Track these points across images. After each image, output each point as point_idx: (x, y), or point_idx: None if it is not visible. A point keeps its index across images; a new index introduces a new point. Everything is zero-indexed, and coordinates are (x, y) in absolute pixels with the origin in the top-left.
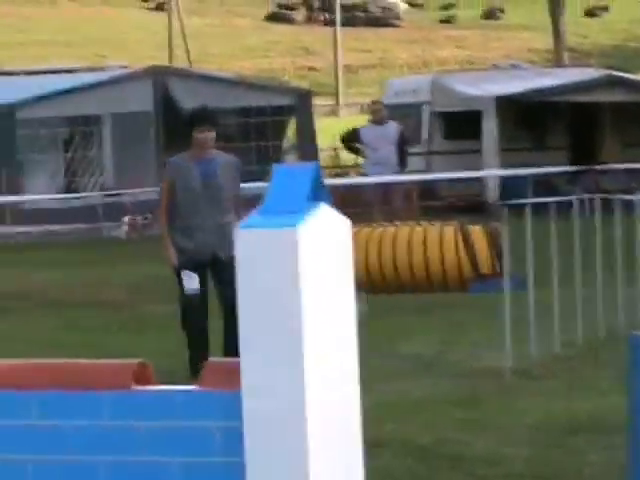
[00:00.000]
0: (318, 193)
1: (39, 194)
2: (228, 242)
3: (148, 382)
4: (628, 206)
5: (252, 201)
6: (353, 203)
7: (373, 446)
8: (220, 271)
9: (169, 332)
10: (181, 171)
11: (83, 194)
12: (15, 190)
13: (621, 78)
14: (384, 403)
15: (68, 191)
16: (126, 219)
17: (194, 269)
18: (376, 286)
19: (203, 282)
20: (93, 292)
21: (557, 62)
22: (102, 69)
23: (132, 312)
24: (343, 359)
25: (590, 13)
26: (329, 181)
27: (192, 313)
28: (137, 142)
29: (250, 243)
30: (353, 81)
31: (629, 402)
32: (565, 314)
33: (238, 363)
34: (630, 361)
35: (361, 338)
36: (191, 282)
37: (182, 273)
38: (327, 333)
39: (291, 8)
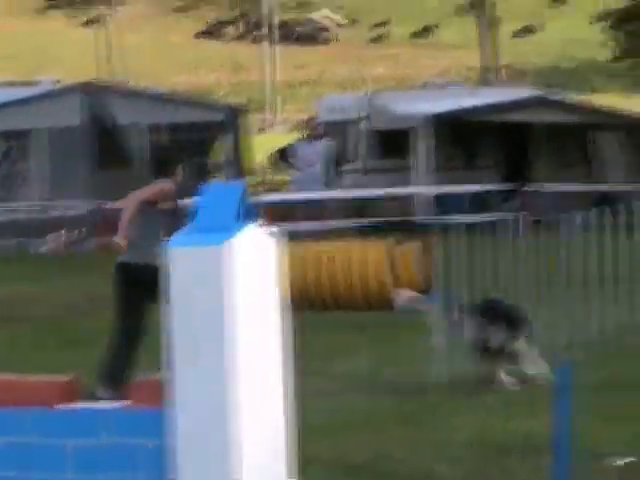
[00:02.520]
0: (246, 211)
1: None
2: None
3: (75, 399)
4: (556, 227)
5: (183, 218)
6: (286, 219)
7: (307, 463)
8: None
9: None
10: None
11: (9, 207)
12: None
13: (554, 98)
14: (318, 421)
15: None
16: (52, 235)
17: None
18: (304, 303)
19: None
20: (26, 308)
21: (490, 81)
22: (34, 84)
23: (66, 328)
24: (273, 376)
25: (526, 30)
26: (261, 197)
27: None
28: (68, 157)
29: (179, 260)
30: (288, 98)
31: (554, 424)
32: None
33: (161, 381)
34: (556, 385)
35: (295, 356)
36: None
37: None
38: (256, 349)
39: (226, 24)
